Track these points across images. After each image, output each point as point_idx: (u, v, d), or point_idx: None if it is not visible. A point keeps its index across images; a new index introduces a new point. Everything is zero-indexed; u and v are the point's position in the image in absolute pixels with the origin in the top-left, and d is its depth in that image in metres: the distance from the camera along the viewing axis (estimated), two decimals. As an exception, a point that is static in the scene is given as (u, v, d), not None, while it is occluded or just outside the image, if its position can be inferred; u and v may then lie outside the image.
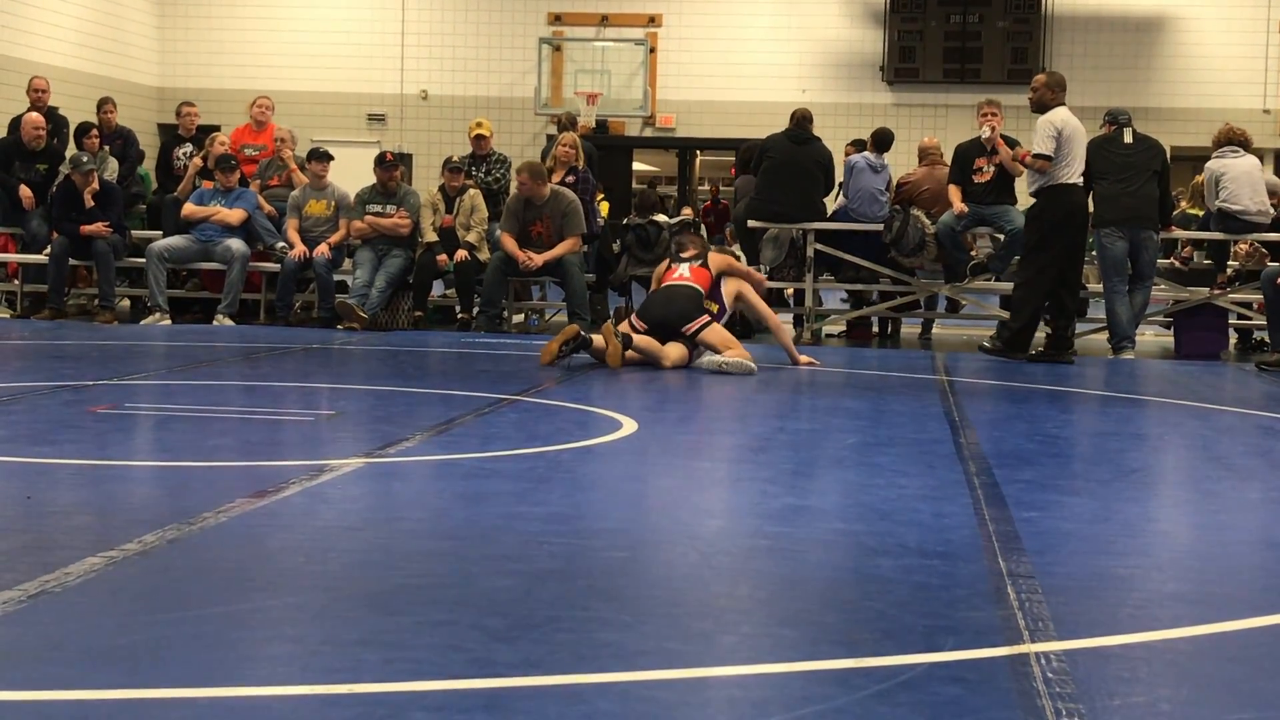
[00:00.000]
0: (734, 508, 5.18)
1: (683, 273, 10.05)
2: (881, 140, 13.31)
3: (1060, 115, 11.35)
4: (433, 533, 4.47)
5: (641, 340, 9.59)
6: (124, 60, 23.59)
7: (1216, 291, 12.60)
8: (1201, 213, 13.26)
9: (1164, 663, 3.30)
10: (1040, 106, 11.49)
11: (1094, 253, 12.09)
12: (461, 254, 12.60)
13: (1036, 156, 11.13)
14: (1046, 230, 11.13)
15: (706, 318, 9.73)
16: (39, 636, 3.18)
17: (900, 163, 13.70)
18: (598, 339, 9.54)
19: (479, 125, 14.00)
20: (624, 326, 9.69)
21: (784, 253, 12.97)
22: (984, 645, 3.31)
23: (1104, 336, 12.27)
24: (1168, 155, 12.16)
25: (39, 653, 3.06)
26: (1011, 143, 12.41)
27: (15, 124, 14.00)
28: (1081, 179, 11.22)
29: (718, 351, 9.54)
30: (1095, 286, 12.67)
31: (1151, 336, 14.34)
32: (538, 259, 12.25)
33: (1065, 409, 8.62)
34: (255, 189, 13.47)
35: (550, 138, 17.92)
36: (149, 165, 15.53)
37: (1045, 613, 3.59)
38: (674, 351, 9.60)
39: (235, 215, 12.96)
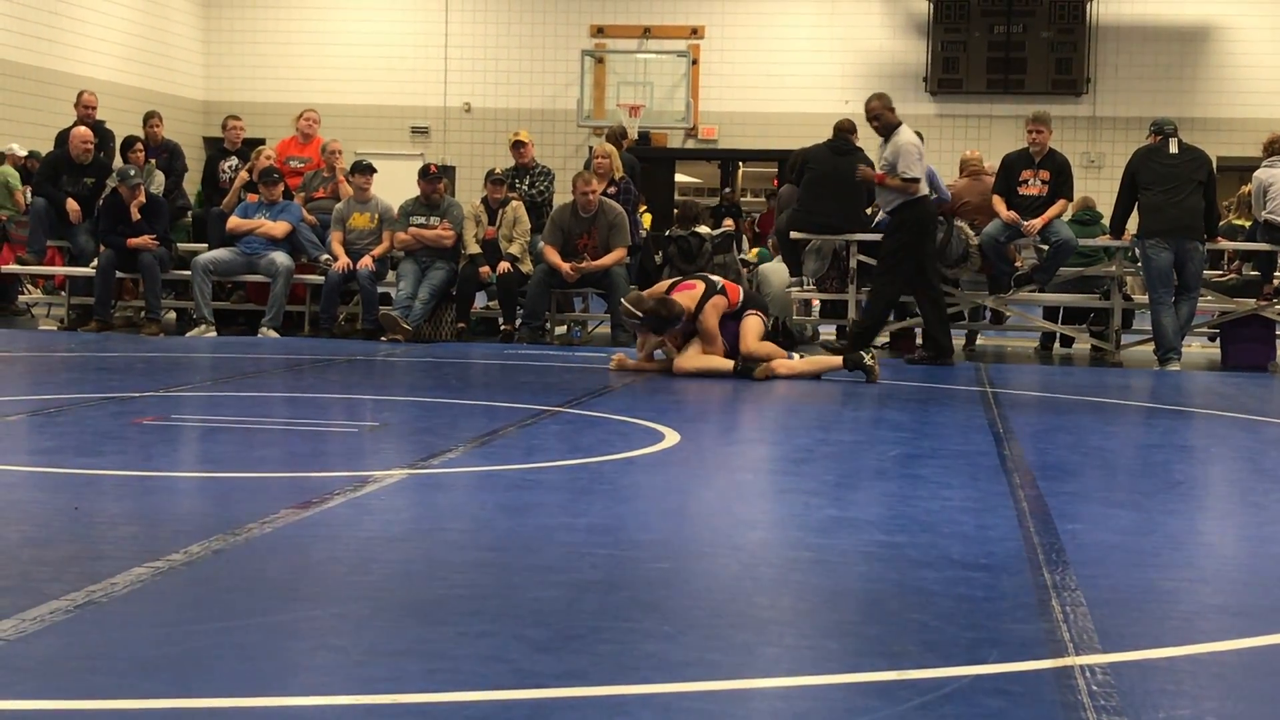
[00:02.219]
0: (776, 519, 5.17)
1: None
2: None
3: (911, 134, 11.66)
4: (476, 544, 4.48)
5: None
6: (170, 74, 23.77)
7: (1263, 302, 12.51)
8: (1249, 223, 13.17)
9: (1209, 676, 3.28)
10: (887, 129, 11.59)
11: (1140, 263, 12.03)
12: (504, 266, 12.64)
13: (909, 180, 11.36)
14: (908, 242, 11.38)
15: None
16: (86, 646, 3.20)
17: (943, 174, 13.65)
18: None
19: (517, 134, 14.04)
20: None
21: (827, 264, 12.94)
22: (1028, 658, 3.30)
23: (1150, 348, 12.19)
24: (1214, 166, 12.09)
25: (86, 662, 3.08)
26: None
27: (63, 138, 14.13)
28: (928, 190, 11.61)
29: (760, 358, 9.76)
30: (1141, 298, 12.61)
31: (1198, 348, 14.25)
32: (581, 267, 12.28)
33: (1110, 421, 8.57)
34: (300, 201, 13.53)
35: (593, 150, 17.95)
36: (194, 178, 15.64)
37: (1090, 625, 3.57)
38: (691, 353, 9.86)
39: (280, 228, 13.02)
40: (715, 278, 10.29)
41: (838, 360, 10.01)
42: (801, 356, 10.25)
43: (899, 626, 3.58)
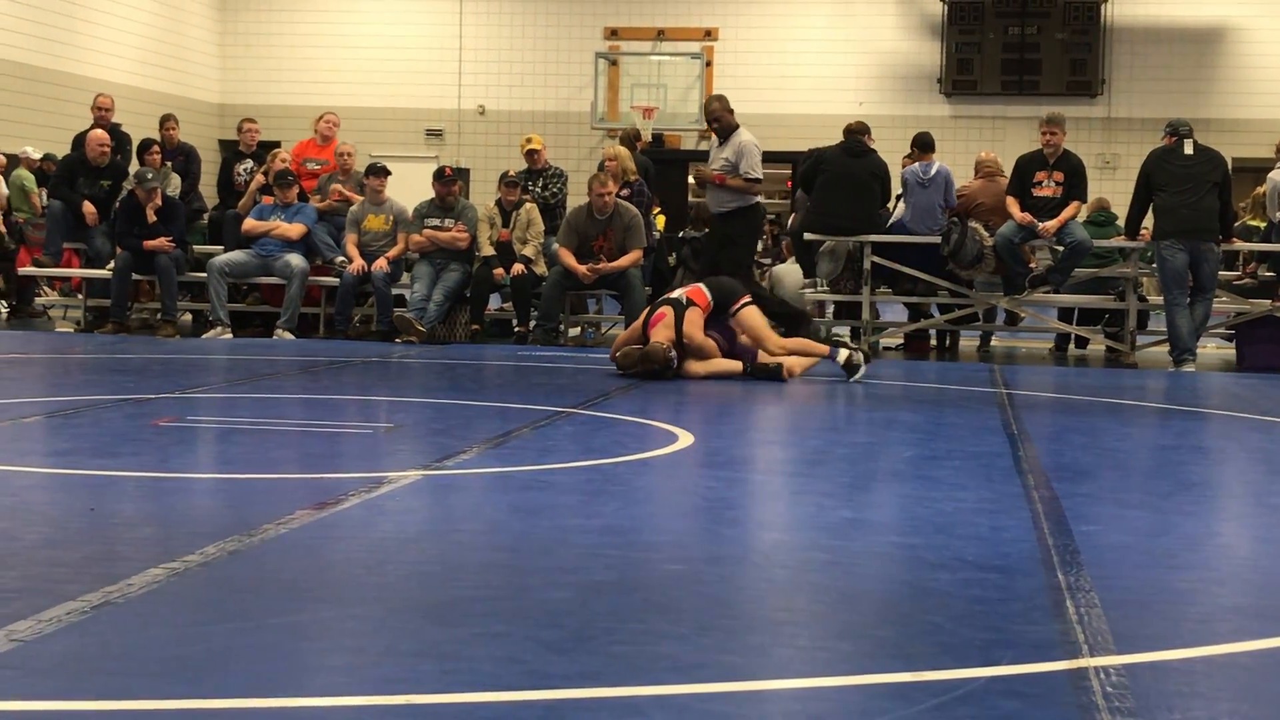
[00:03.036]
0: (790, 521, 5.17)
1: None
2: (922, 144, 13.27)
3: (751, 136, 11.71)
4: (490, 545, 4.48)
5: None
6: (186, 77, 23.83)
7: (1278, 303, 12.48)
8: (1264, 224, 13.14)
9: (1225, 677, 3.27)
10: (726, 130, 11.52)
11: (1155, 264, 12.01)
12: (518, 268, 12.65)
13: (751, 180, 11.38)
14: (746, 247, 11.38)
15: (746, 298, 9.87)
16: (102, 647, 3.21)
17: (957, 175, 13.66)
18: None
19: (529, 140, 14.06)
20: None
21: (840, 265, 12.94)
22: (1042, 659, 3.29)
23: (1165, 350, 12.17)
24: (1229, 167, 12.06)
25: (102, 663, 3.09)
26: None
27: (79, 141, 14.17)
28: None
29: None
30: (1156, 299, 12.59)
31: (1213, 349, 14.22)
32: (598, 269, 12.28)
33: (1125, 422, 8.55)
34: (315, 203, 13.55)
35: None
36: (210, 181, 15.68)
37: (1104, 627, 3.57)
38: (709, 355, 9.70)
39: (295, 230, 13.05)
40: (676, 294, 9.92)
41: (825, 348, 9.88)
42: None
43: (913, 628, 3.58)
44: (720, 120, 11.56)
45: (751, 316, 9.80)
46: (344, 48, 24.53)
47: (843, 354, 9.75)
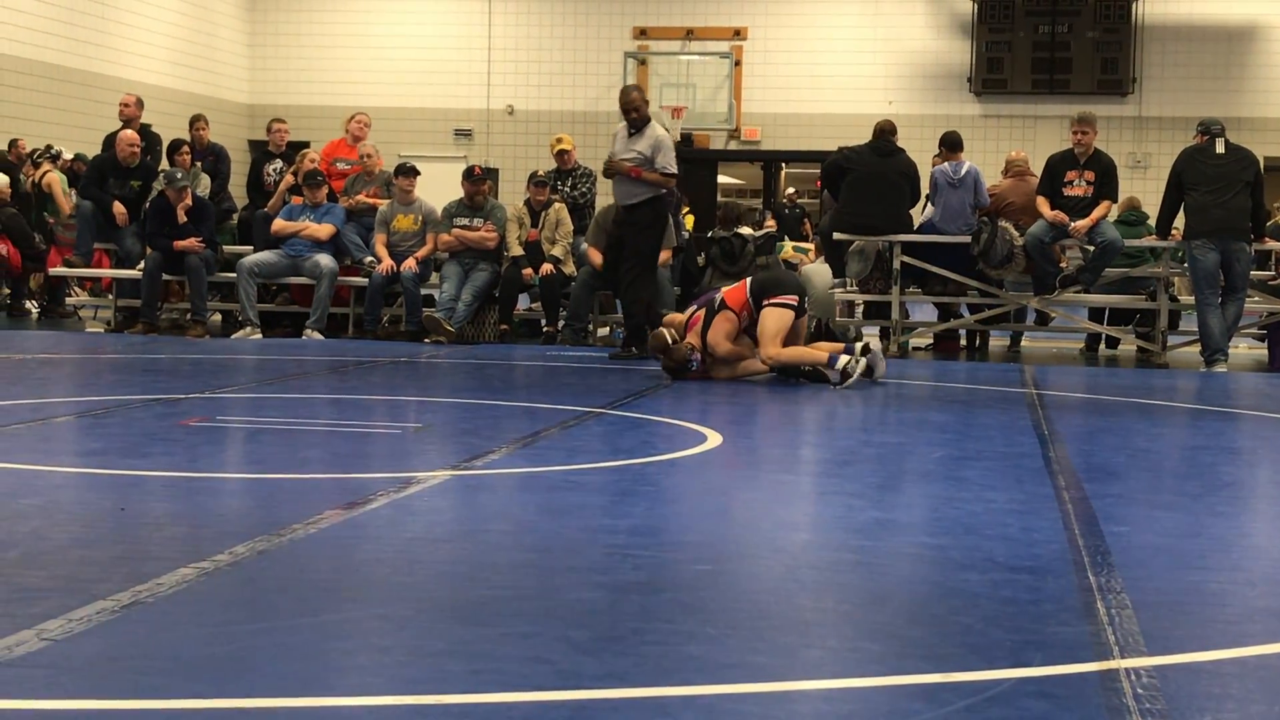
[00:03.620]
0: (819, 521, 5.16)
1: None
2: (950, 144, 13.22)
3: (663, 129, 11.46)
4: (518, 545, 4.49)
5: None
6: (215, 78, 23.92)
7: (1311, 303, 12.41)
8: (1296, 224, 13.07)
9: (1257, 679, 3.25)
10: (642, 122, 11.27)
11: (1186, 264, 11.95)
12: (546, 268, 12.66)
13: (669, 175, 11.17)
14: (655, 235, 11.27)
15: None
16: (132, 646, 3.22)
17: (988, 175, 13.61)
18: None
19: (560, 140, 14.07)
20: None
21: (870, 265, 12.91)
22: (1073, 661, 3.28)
23: (1196, 350, 12.11)
24: (1261, 165, 12.00)
25: (132, 662, 3.10)
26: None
27: (110, 141, 14.23)
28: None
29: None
30: (1187, 299, 12.53)
31: (1245, 349, 14.14)
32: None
33: (1156, 422, 8.51)
34: (344, 203, 13.57)
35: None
36: (239, 181, 15.73)
37: (1135, 628, 3.55)
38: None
39: (324, 231, 13.08)
40: (716, 294, 9.81)
41: (823, 356, 9.70)
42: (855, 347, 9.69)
43: (943, 629, 3.57)
44: (639, 111, 11.27)
45: (770, 316, 9.52)
46: (373, 48, 24.59)
47: (842, 359, 9.43)
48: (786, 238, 18.02)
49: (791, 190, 25.66)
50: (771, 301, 9.56)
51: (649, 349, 9.90)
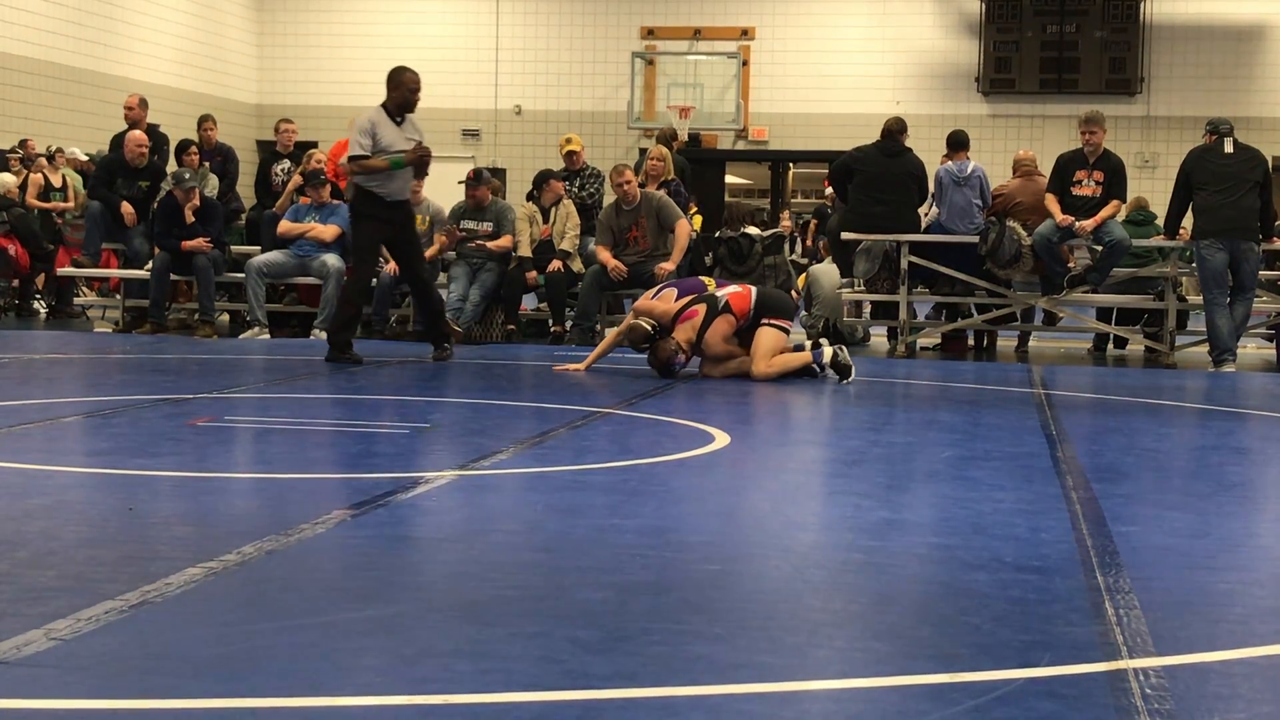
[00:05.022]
0: (827, 521, 5.16)
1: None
2: (956, 143, 13.20)
3: (377, 114, 10.41)
4: (526, 545, 4.49)
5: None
6: (223, 78, 23.94)
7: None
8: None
9: (1265, 679, 3.24)
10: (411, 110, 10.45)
11: (1194, 264, 11.94)
12: (555, 264, 12.67)
13: (354, 159, 10.26)
14: (371, 230, 10.37)
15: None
16: (140, 646, 3.23)
17: (995, 174, 13.61)
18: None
19: (569, 141, 14.08)
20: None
21: (877, 265, 12.91)
22: (1081, 661, 3.27)
23: (1204, 349, 12.10)
24: (1269, 165, 11.98)
25: (140, 662, 3.10)
26: None
27: (117, 141, 14.25)
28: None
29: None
30: (1195, 299, 12.52)
31: (1253, 349, 14.12)
32: (668, 266, 12.31)
33: (1164, 422, 8.50)
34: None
35: (644, 152, 17.97)
36: (247, 181, 15.74)
37: (1144, 628, 3.54)
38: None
39: (329, 232, 13.08)
40: (719, 294, 9.77)
41: (807, 357, 9.71)
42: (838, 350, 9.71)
43: (951, 629, 3.56)
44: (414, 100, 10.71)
45: (767, 335, 9.61)
46: (381, 48, 24.58)
47: (827, 352, 9.54)
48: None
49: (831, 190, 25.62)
50: (771, 321, 9.70)
51: (627, 340, 9.67)
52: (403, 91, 10.47)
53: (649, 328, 9.57)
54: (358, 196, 10.53)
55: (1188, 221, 12.10)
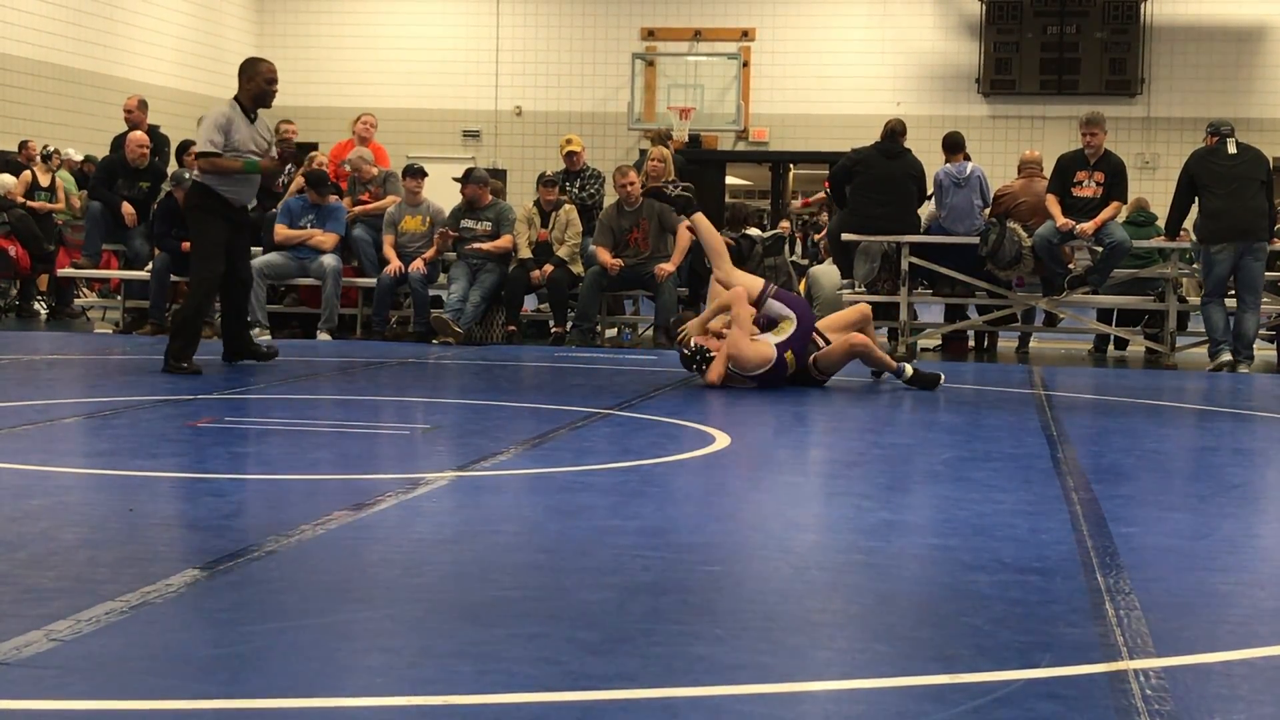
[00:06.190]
0: (828, 522, 5.15)
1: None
2: (952, 145, 13.19)
3: (231, 109, 9.87)
4: (526, 546, 4.49)
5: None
6: (224, 79, 23.88)
7: (1320, 304, 12.39)
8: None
9: (1265, 680, 3.24)
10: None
11: (1195, 265, 11.94)
12: (548, 268, 12.66)
13: (203, 156, 9.62)
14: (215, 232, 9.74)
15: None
16: (140, 646, 3.23)
17: (996, 175, 13.60)
18: None
19: (569, 142, 14.08)
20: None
21: (876, 266, 12.91)
22: (1082, 662, 3.27)
23: (1205, 350, 12.10)
24: (1271, 165, 11.99)
25: (140, 662, 3.10)
26: None
27: (118, 142, 14.26)
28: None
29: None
30: (1195, 300, 12.52)
31: (1255, 350, 14.12)
32: (668, 268, 12.35)
33: (1165, 423, 8.50)
34: (347, 205, 13.55)
35: (643, 153, 17.98)
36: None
37: (1144, 629, 3.54)
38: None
39: (329, 240, 13.04)
40: (812, 322, 9.47)
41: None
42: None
43: (951, 630, 3.56)
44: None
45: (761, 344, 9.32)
46: (381, 49, 24.61)
47: (908, 369, 9.53)
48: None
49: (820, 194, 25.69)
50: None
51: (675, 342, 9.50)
52: (258, 83, 9.85)
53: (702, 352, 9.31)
54: (201, 194, 9.79)
55: (1188, 223, 12.10)
